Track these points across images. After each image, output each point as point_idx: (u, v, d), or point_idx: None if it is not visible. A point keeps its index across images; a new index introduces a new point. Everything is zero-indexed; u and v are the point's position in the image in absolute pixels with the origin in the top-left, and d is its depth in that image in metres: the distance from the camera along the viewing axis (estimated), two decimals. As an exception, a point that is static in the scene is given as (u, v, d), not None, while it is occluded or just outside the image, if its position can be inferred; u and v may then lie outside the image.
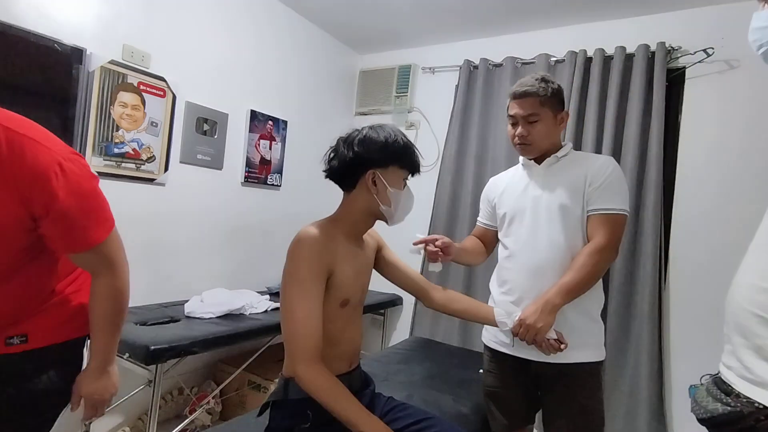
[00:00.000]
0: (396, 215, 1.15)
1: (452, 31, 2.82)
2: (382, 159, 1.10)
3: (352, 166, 1.11)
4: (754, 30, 0.73)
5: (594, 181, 1.28)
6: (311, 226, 1.07)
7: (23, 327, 0.93)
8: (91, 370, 1.01)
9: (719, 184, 2.14)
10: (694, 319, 2.16)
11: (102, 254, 0.92)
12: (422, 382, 1.82)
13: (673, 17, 2.28)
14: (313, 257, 1.02)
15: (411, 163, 1.15)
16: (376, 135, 1.11)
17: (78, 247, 0.88)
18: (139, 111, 1.99)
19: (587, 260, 1.23)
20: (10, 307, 0.90)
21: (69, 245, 0.88)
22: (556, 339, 1.19)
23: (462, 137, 2.78)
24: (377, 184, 1.11)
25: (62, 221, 0.82)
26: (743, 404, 0.63)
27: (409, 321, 2.88)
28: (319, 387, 0.99)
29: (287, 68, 2.75)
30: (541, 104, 1.30)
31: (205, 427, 2.11)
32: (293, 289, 1.02)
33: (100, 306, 0.97)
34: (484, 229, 1.56)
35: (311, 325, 1.00)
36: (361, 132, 1.12)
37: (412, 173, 1.17)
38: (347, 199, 1.16)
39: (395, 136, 1.12)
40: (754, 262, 0.69)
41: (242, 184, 2.54)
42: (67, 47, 1.69)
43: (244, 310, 2.11)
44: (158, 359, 1.59)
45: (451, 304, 1.31)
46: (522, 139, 1.33)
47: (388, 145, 1.10)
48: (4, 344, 0.91)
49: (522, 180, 1.41)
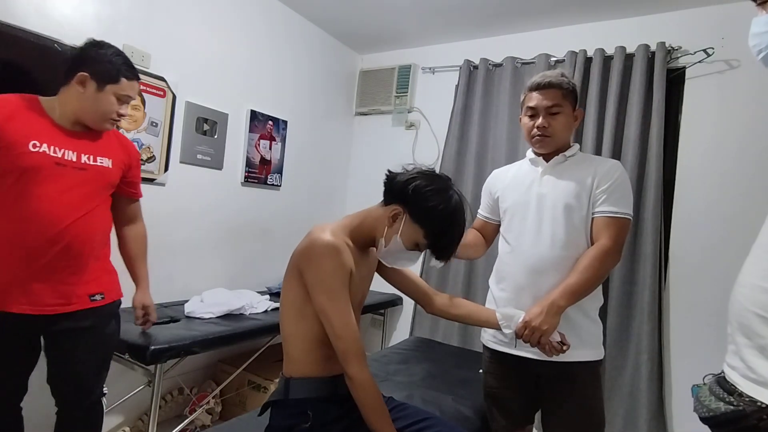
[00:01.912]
0: (383, 256, 1.13)
1: (452, 31, 2.82)
2: (417, 214, 1.06)
3: (394, 192, 1.09)
4: (753, 35, 0.74)
5: (601, 183, 1.28)
6: (327, 232, 1.05)
7: (100, 287, 1.36)
8: (144, 289, 1.56)
9: (719, 184, 2.14)
10: (694, 318, 2.16)
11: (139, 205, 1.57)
12: (422, 382, 1.81)
13: (673, 17, 2.28)
14: (339, 267, 1.02)
15: (439, 245, 1.09)
16: (438, 197, 1.05)
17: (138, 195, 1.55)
18: (139, 111, 1.98)
19: (592, 262, 1.23)
20: (106, 237, 1.42)
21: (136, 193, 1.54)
22: (560, 341, 1.19)
23: (462, 137, 2.78)
24: (395, 223, 1.09)
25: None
26: (746, 403, 0.64)
27: (409, 321, 2.88)
28: (369, 393, 1.01)
29: (287, 68, 2.75)
30: (563, 96, 1.30)
31: (205, 427, 2.11)
32: (323, 298, 1.02)
33: (143, 242, 1.57)
34: (483, 221, 1.54)
35: (353, 329, 1.02)
36: (436, 184, 1.07)
37: (436, 256, 1.12)
38: (373, 209, 1.15)
39: (452, 215, 1.06)
40: (757, 263, 0.69)
41: (242, 184, 2.54)
42: (67, 47, 1.68)
43: (244, 310, 2.10)
44: (158, 359, 1.59)
45: (452, 310, 1.30)
46: (543, 130, 1.31)
47: (434, 213, 1.05)
48: (90, 300, 1.33)
49: (528, 176, 1.40)
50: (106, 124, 1.36)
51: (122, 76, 1.33)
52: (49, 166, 1.23)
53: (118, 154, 1.42)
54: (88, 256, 1.32)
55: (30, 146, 1.21)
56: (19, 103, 1.26)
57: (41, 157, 1.22)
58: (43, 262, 1.23)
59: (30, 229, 1.21)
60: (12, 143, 1.20)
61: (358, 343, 1.02)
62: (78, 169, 1.29)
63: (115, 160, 1.39)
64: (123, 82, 1.33)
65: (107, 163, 1.37)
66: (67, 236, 1.25)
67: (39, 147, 1.22)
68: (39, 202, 1.22)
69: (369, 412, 1.02)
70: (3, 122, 1.20)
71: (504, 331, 1.24)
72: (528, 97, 1.35)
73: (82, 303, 1.31)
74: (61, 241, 1.24)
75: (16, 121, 1.22)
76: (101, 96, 1.31)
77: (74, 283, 1.30)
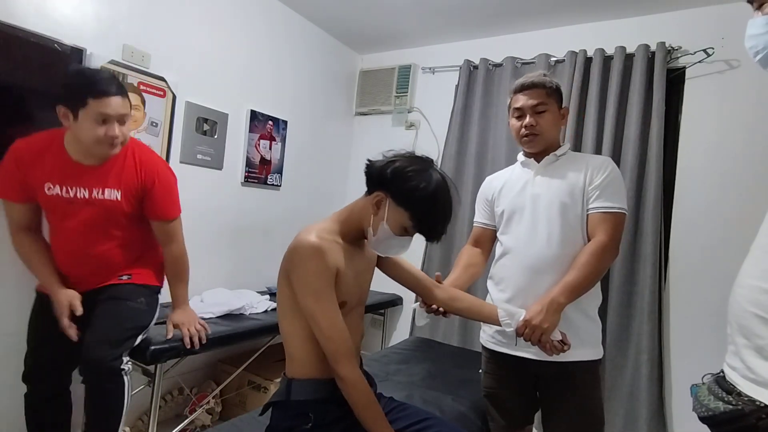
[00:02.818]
0: (374, 245, 1.12)
1: (452, 31, 2.82)
2: (399, 197, 1.04)
3: (375, 178, 1.09)
4: (750, 37, 0.74)
5: (594, 180, 1.29)
6: (312, 233, 1.04)
7: (128, 271, 1.53)
8: (177, 308, 1.64)
9: (719, 184, 2.14)
10: (694, 318, 2.16)
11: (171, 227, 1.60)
12: (422, 382, 1.81)
13: (673, 17, 2.28)
14: (323, 268, 1.02)
15: (425, 227, 1.06)
16: (418, 177, 1.03)
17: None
18: (139, 111, 1.98)
19: (590, 259, 1.23)
20: (134, 250, 1.55)
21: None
22: (560, 340, 1.19)
23: (462, 137, 2.78)
24: (379, 210, 1.08)
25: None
26: (745, 403, 0.64)
27: (409, 321, 2.88)
28: (360, 391, 1.02)
29: (287, 68, 2.75)
30: (547, 95, 1.33)
31: (205, 427, 2.11)
32: (309, 300, 1.02)
33: (175, 265, 1.62)
34: (482, 229, 1.54)
35: (341, 328, 1.03)
36: (414, 165, 1.05)
37: (426, 237, 1.09)
38: (358, 201, 1.15)
39: (433, 194, 1.02)
40: (756, 263, 0.69)
41: (242, 184, 2.54)
42: (67, 47, 1.68)
43: (244, 310, 2.10)
44: (158, 359, 1.59)
45: (454, 303, 1.30)
46: (531, 129, 1.33)
47: (416, 194, 1.02)
48: (117, 279, 1.51)
49: (521, 178, 1.41)
50: (103, 149, 1.34)
51: (89, 97, 1.26)
52: (63, 205, 1.38)
53: (131, 182, 1.44)
54: (121, 268, 1.53)
55: (45, 189, 1.36)
56: (43, 144, 1.38)
57: (55, 198, 1.37)
58: (82, 272, 1.48)
59: (66, 251, 1.46)
60: (34, 187, 1.37)
61: (347, 343, 1.03)
62: (89, 205, 1.40)
63: (125, 189, 1.44)
64: (91, 102, 1.27)
65: (115, 195, 1.43)
66: (94, 259, 1.47)
67: (53, 189, 1.37)
68: (63, 234, 1.44)
69: (362, 411, 1.02)
70: (26, 169, 1.34)
71: (505, 330, 1.24)
72: (514, 99, 1.37)
73: (111, 281, 1.51)
74: (91, 263, 1.47)
75: (36, 165, 1.35)
76: (78, 125, 1.29)
77: (109, 275, 1.52)
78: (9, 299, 1.65)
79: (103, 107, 1.29)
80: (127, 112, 1.38)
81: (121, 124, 1.36)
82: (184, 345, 1.62)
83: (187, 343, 1.61)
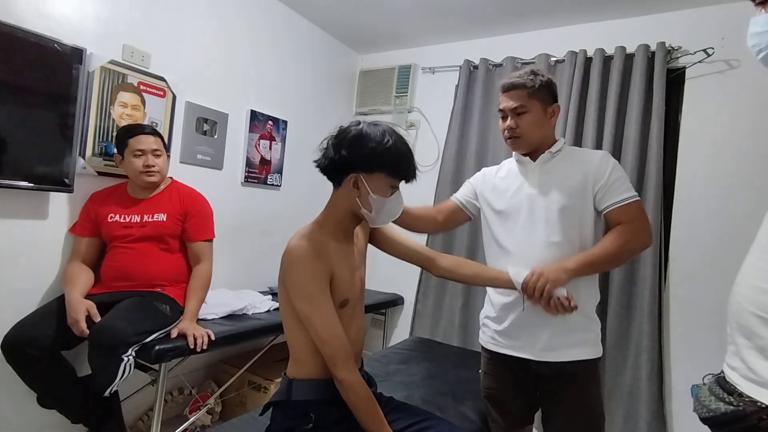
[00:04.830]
0: (377, 220, 1.13)
1: (452, 31, 2.82)
2: (368, 165, 1.06)
3: (336, 166, 1.09)
4: (752, 35, 0.73)
5: (599, 180, 1.26)
6: (301, 239, 1.06)
7: (163, 285, 1.78)
8: (185, 319, 1.73)
9: (719, 184, 2.14)
10: (694, 318, 2.16)
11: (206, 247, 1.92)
12: (422, 382, 1.81)
13: (673, 17, 2.28)
14: (315, 272, 1.03)
15: (401, 172, 1.09)
16: (367, 138, 1.05)
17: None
18: (139, 111, 1.98)
19: (613, 237, 1.22)
20: (170, 273, 1.82)
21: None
22: (566, 297, 1.17)
23: (462, 137, 2.78)
24: (360, 188, 1.08)
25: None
26: (746, 403, 0.64)
27: (409, 321, 2.88)
28: (359, 395, 1.03)
29: (287, 68, 2.75)
30: (529, 96, 1.29)
31: (206, 427, 2.11)
32: (304, 304, 1.03)
33: (200, 280, 1.84)
34: (456, 206, 1.50)
35: (338, 332, 1.03)
36: (353, 131, 1.08)
37: (405, 181, 1.12)
38: (333, 196, 1.16)
39: (387, 143, 1.05)
40: (755, 264, 0.69)
41: (242, 184, 2.54)
42: (67, 47, 1.68)
43: (247, 310, 2.10)
44: (162, 359, 1.60)
45: (459, 270, 1.30)
46: (511, 131, 1.32)
47: (377, 152, 1.05)
48: (152, 287, 1.75)
49: (517, 178, 1.38)
50: (144, 179, 1.78)
51: (128, 138, 1.76)
52: (120, 229, 1.75)
53: (175, 208, 1.84)
54: (158, 284, 1.77)
55: (108, 218, 1.76)
56: (112, 190, 1.84)
57: (114, 224, 1.76)
58: (125, 286, 1.73)
59: (116, 267, 1.75)
60: (100, 221, 1.76)
61: (344, 346, 1.03)
62: (140, 227, 1.77)
63: (170, 213, 1.82)
64: (130, 142, 1.75)
65: (162, 217, 1.80)
66: (137, 274, 1.74)
67: (114, 217, 1.76)
68: (118, 250, 1.75)
69: (361, 413, 1.02)
70: (97, 208, 1.77)
71: (516, 286, 1.22)
72: (500, 99, 1.36)
73: (146, 288, 1.75)
74: (134, 278, 1.73)
75: (104, 204, 1.79)
76: (126, 163, 1.78)
77: (146, 287, 1.77)
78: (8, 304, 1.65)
79: (138, 144, 1.75)
80: (159, 147, 1.81)
81: (155, 157, 1.78)
82: (188, 345, 1.64)
83: (191, 343, 1.64)
